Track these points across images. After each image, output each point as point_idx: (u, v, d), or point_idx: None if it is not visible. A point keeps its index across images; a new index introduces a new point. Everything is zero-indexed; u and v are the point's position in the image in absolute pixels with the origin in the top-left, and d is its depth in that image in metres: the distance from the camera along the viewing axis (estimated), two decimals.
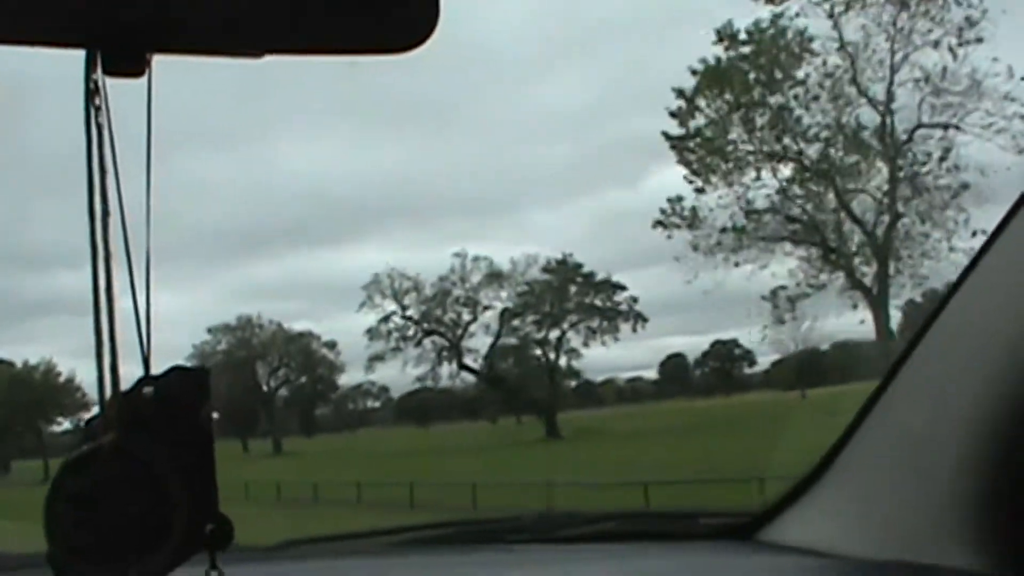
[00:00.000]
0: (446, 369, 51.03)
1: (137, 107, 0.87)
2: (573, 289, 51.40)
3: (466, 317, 50.65)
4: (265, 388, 62.18)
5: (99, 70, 0.80)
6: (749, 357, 73.52)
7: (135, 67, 0.81)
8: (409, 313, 50.63)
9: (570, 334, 51.77)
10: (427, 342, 50.60)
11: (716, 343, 71.91)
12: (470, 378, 52.23)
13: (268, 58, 0.82)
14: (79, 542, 0.82)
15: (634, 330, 51.29)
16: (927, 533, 1.44)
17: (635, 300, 51.02)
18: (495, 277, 50.55)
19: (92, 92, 0.81)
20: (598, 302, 51.64)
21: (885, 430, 1.55)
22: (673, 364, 77.28)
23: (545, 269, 50.55)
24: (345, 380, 65.33)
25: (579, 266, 51.13)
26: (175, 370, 0.84)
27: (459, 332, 50.64)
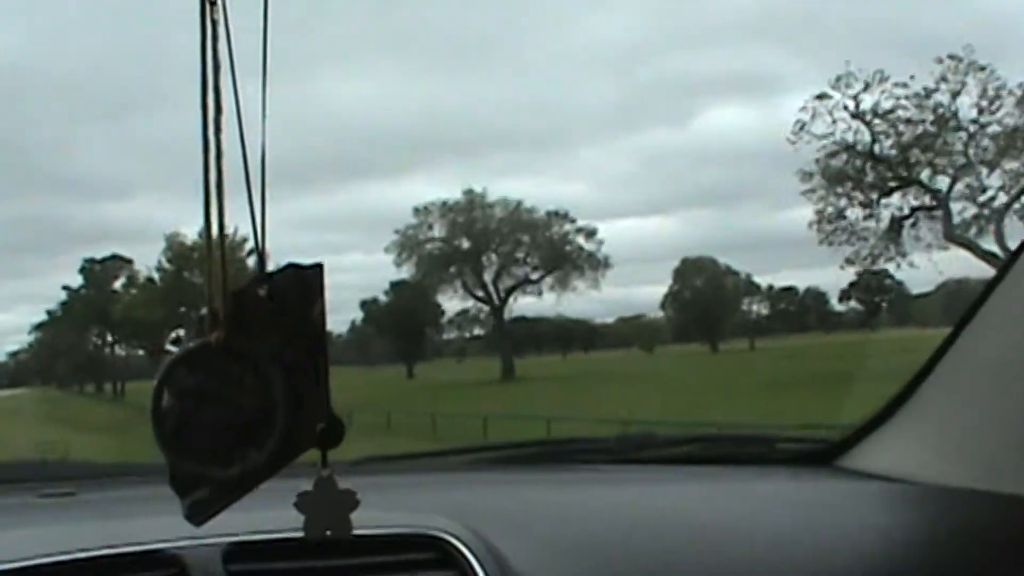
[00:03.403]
0: None
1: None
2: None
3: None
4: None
5: None
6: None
7: None
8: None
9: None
10: None
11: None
12: None
13: None
14: (183, 437, 0.86)
15: None
16: (1007, 462, 1.48)
17: None
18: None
19: None
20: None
21: (968, 359, 1.57)
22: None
23: None
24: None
25: None
26: (290, 267, 0.86)
27: None
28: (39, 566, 1.15)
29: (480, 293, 54.42)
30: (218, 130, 0.84)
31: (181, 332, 48.06)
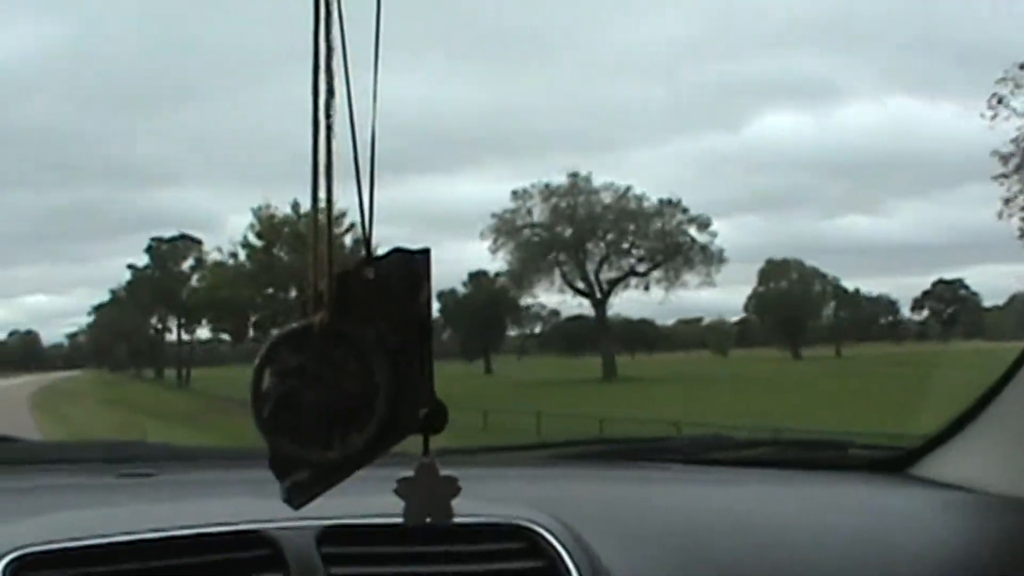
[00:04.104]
0: None
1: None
2: None
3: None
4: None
5: None
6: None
7: None
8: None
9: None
10: None
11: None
12: None
13: None
14: (283, 418, 0.92)
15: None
16: None
17: None
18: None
19: None
20: None
21: None
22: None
23: None
24: None
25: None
26: (397, 251, 0.92)
27: None
28: (137, 542, 1.23)
29: (581, 285, 53.22)
30: (329, 113, 0.90)
31: (264, 316, 47.81)
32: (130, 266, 67.08)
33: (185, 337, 66.00)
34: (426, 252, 0.92)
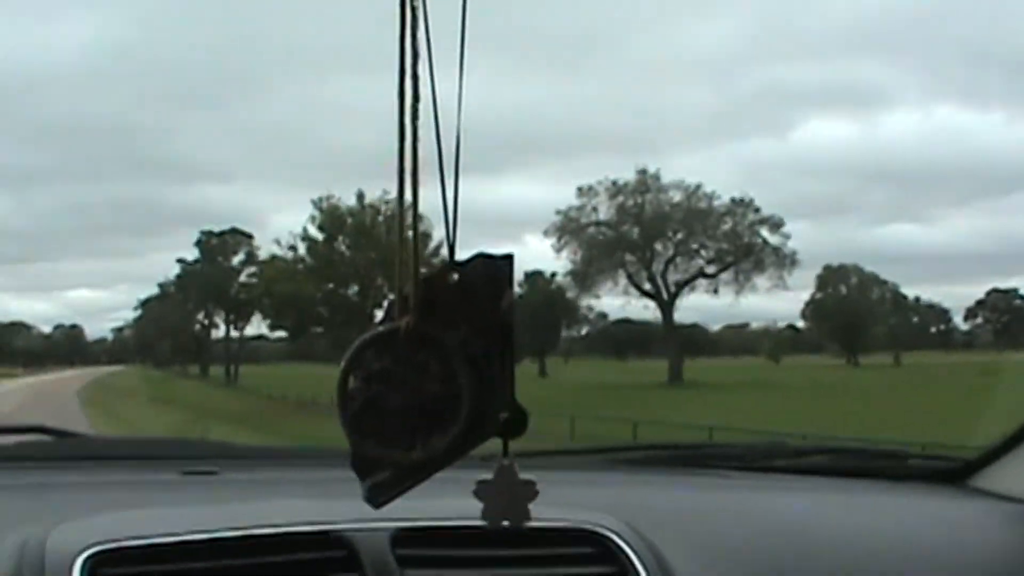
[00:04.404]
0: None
1: None
2: None
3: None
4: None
5: None
6: None
7: None
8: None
9: None
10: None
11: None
12: None
13: None
14: (368, 419, 0.97)
15: None
16: None
17: None
18: None
19: None
20: None
21: None
22: None
23: None
24: None
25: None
26: (480, 257, 0.96)
27: None
28: (212, 540, 1.27)
29: (647, 286, 52.80)
30: (415, 116, 0.93)
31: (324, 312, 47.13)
32: (179, 260, 67.83)
33: (234, 333, 66.53)
34: (509, 257, 0.96)
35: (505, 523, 1.00)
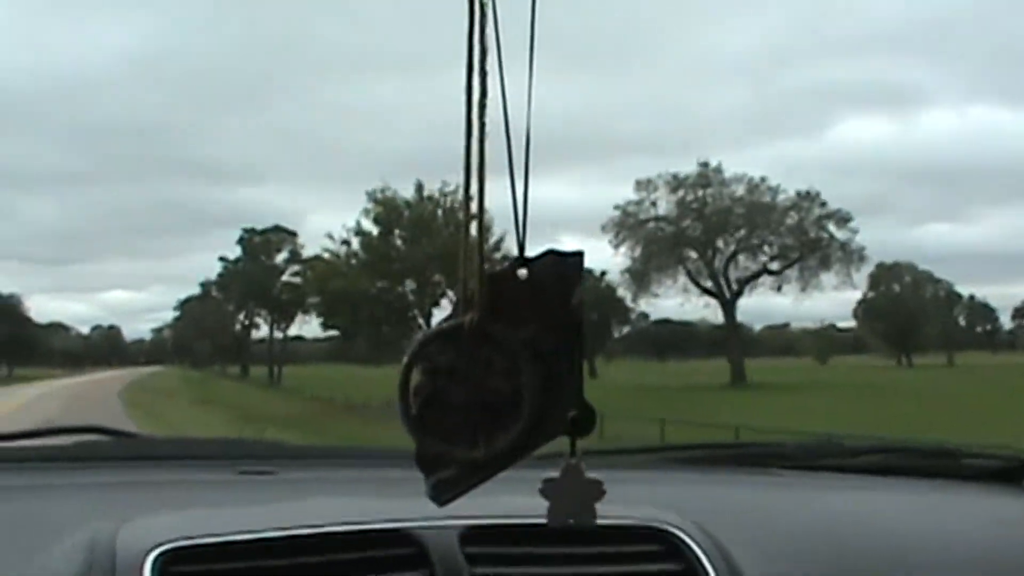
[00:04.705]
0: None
1: None
2: None
3: None
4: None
5: None
6: None
7: None
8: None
9: None
10: None
11: None
12: None
13: None
14: (431, 415, 1.00)
15: None
16: None
17: None
18: None
19: None
20: None
21: None
22: None
23: None
24: None
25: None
26: (549, 254, 0.98)
27: None
28: (281, 538, 1.30)
29: (708, 284, 51.95)
30: (482, 113, 0.96)
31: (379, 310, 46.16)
32: (221, 258, 68.10)
33: (277, 334, 66.53)
34: (579, 255, 0.98)
35: (571, 522, 1.02)
